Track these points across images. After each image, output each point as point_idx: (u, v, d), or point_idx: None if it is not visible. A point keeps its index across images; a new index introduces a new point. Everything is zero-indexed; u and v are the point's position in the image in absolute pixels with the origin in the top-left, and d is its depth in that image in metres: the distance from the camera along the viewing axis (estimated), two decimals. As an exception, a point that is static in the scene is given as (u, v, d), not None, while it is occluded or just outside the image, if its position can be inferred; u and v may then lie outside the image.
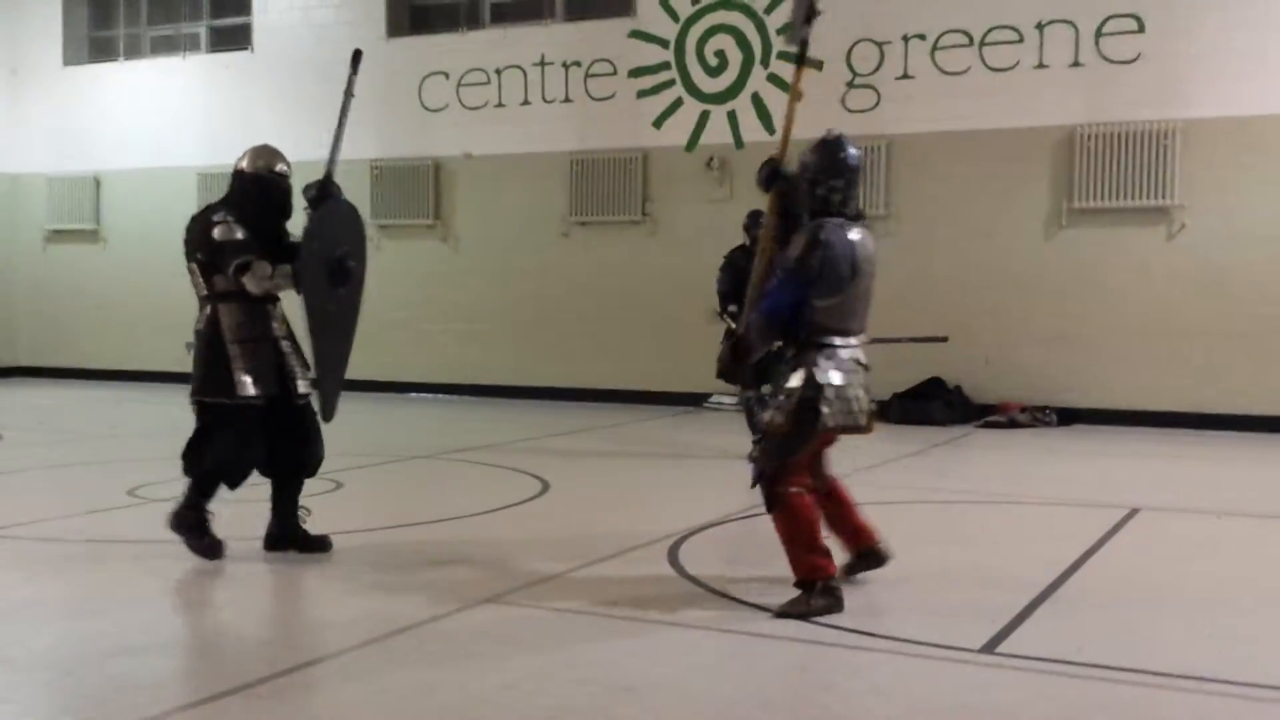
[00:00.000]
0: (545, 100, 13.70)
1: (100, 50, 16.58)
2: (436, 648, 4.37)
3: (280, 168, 5.83)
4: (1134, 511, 7.03)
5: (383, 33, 14.39)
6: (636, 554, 5.82)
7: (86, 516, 6.70)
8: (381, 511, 7.01)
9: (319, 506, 6.76)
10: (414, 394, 14.18)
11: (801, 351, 4.92)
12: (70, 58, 16.35)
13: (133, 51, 16.32)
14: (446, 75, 14.08)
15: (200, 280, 5.68)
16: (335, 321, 5.65)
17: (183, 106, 15.57)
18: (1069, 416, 11.52)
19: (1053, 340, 11.69)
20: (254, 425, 5.65)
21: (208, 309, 5.68)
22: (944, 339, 9.70)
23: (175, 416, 12.25)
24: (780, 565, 5.97)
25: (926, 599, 5.08)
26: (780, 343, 5.02)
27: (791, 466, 4.90)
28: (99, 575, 5.42)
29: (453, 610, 4.79)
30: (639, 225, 13.37)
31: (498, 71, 13.86)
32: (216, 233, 5.56)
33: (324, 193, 5.68)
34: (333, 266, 5.54)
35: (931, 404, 11.60)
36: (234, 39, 15.59)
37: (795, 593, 4.81)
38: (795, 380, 4.86)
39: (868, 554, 5.25)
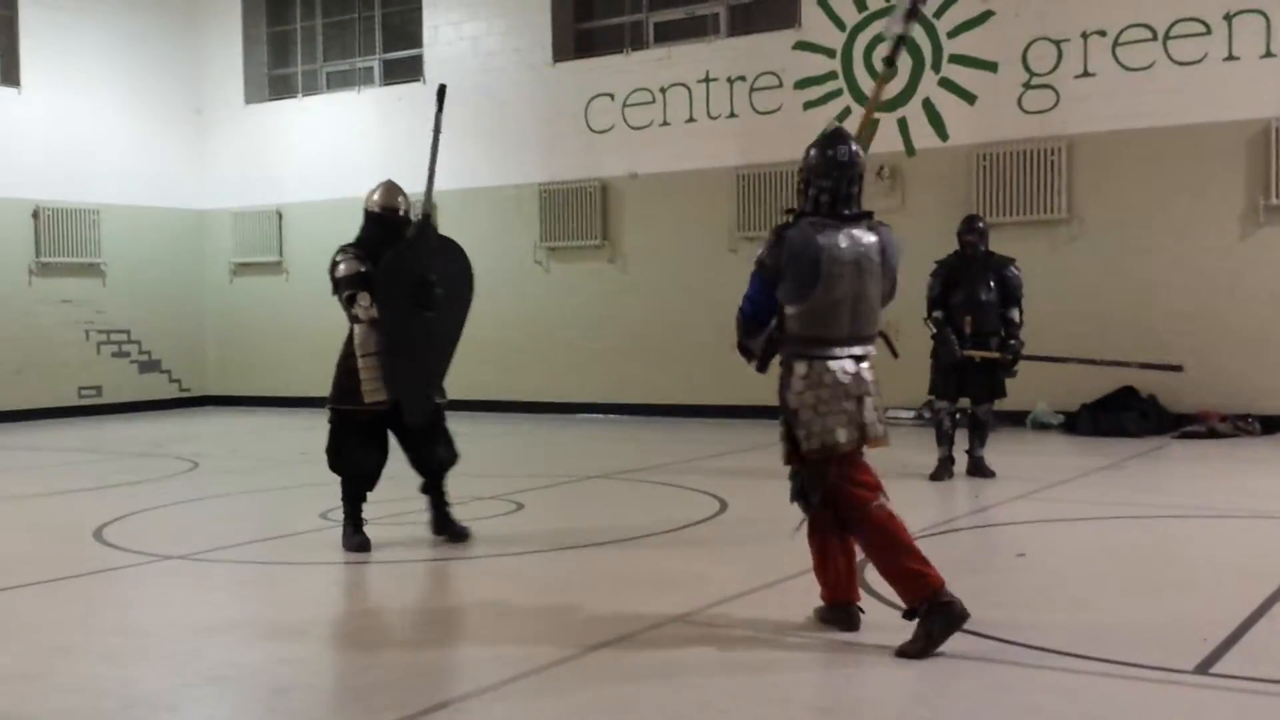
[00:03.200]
0: (710, 116, 13.70)
1: (280, 88, 17.27)
2: (630, 666, 4.34)
3: (395, 204, 6.49)
4: (1352, 524, 6.62)
5: (549, 58, 14.62)
6: (824, 572, 5.69)
7: (285, 539, 6.92)
8: (564, 532, 7.04)
9: (502, 527, 6.86)
10: (583, 414, 14.29)
11: (783, 368, 4.61)
12: (251, 96, 17.06)
13: (310, 88, 16.94)
14: (612, 97, 14.20)
15: (344, 309, 6.44)
16: (417, 340, 6.24)
17: (359, 139, 16.07)
18: (1273, 425, 10.92)
19: (1254, 344, 11.12)
20: (378, 431, 6.39)
21: (348, 331, 6.46)
22: (1179, 368, 9.12)
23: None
24: (969, 581, 5.80)
25: (1133, 618, 4.84)
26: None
27: (850, 497, 4.55)
28: (301, 596, 5.59)
29: (642, 629, 4.76)
30: (808, 239, 13.21)
31: (662, 90, 13.92)
32: (335, 270, 6.40)
33: (419, 227, 6.36)
34: (416, 291, 6.16)
35: (1124, 414, 11.14)
36: (406, 71, 16.05)
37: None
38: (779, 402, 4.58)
39: (844, 611, 4.69)
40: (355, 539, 6.36)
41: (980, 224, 8.82)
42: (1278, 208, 11.06)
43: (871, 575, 5.54)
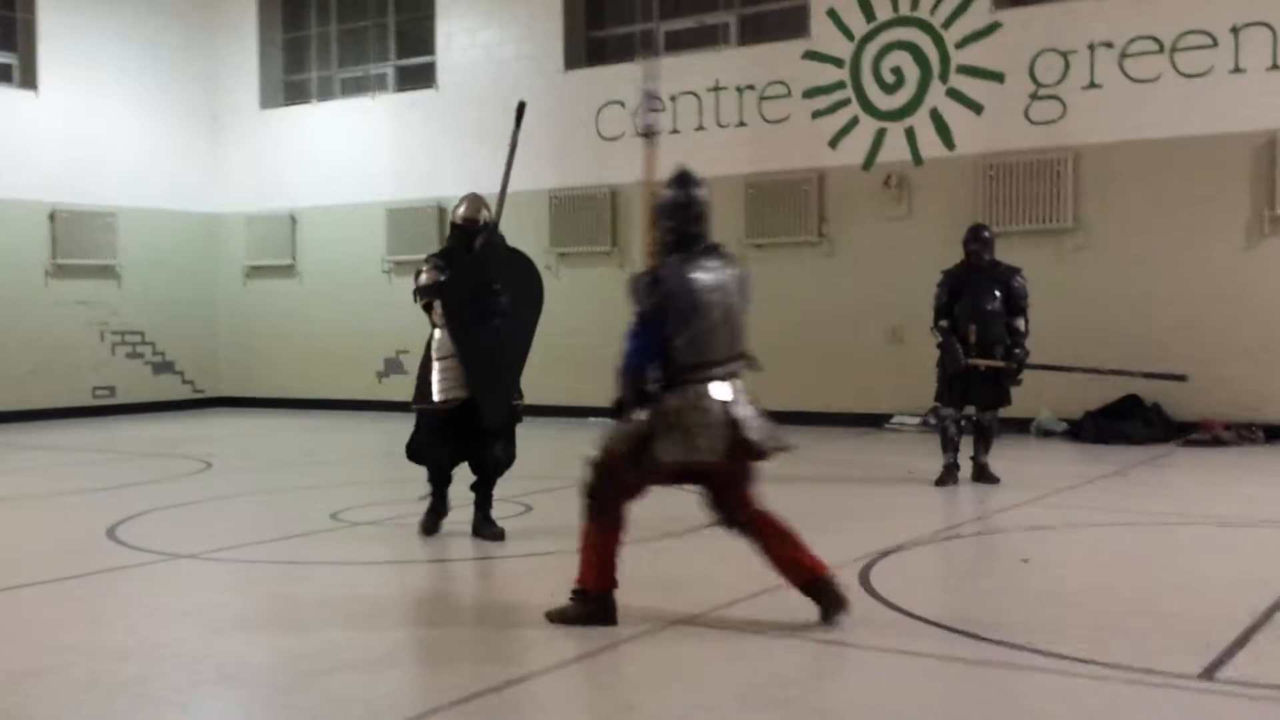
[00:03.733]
0: (720, 125, 13.77)
1: (294, 93, 17.37)
2: (634, 668, 4.41)
3: (477, 216, 6.83)
4: (1354, 533, 6.65)
5: (560, 66, 14.70)
6: (828, 577, 5.75)
7: (295, 539, 6.98)
8: (571, 533, 7.05)
9: (510, 529, 6.92)
10: (592, 418, 14.33)
11: (664, 389, 4.84)
12: (266, 101, 17.17)
13: (325, 93, 17.05)
14: (622, 104, 14.27)
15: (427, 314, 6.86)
16: (488, 346, 6.63)
17: (372, 145, 16.18)
18: (1278, 433, 10.95)
19: (1258, 353, 11.15)
20: (447, 428, 6.72)
21: (428, 334, 6.83)
22: (1183, 378, 9.21)
23: (370, 443, 12.71)
24: (974, 585, 5.86)
25: (1137, 623, 4.88)
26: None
27: (618, 487, 4.97)
28: (310, 596, 5.64)
29: (647, 631, 4.82)
30: (816, 246, 13.29)
31: (672, 98, 13.97)
32: (417, 278, 6.79)
33: (486, 239, 6.72)
34: (482, 300, 6.54)
35: (1128, 422, 11.18)
36: (419, 78, 16.14)
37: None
38: (643, 415, 4.84)
39: (814, 588, 4.87)
40: (423, 520, 6.90)
41: (985, 233, 8.86)
42: (1283, 219, 11.12)
43: (879, 581, 5.61)
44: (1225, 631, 4.61)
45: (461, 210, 6.87)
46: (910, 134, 12.71)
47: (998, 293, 8.63)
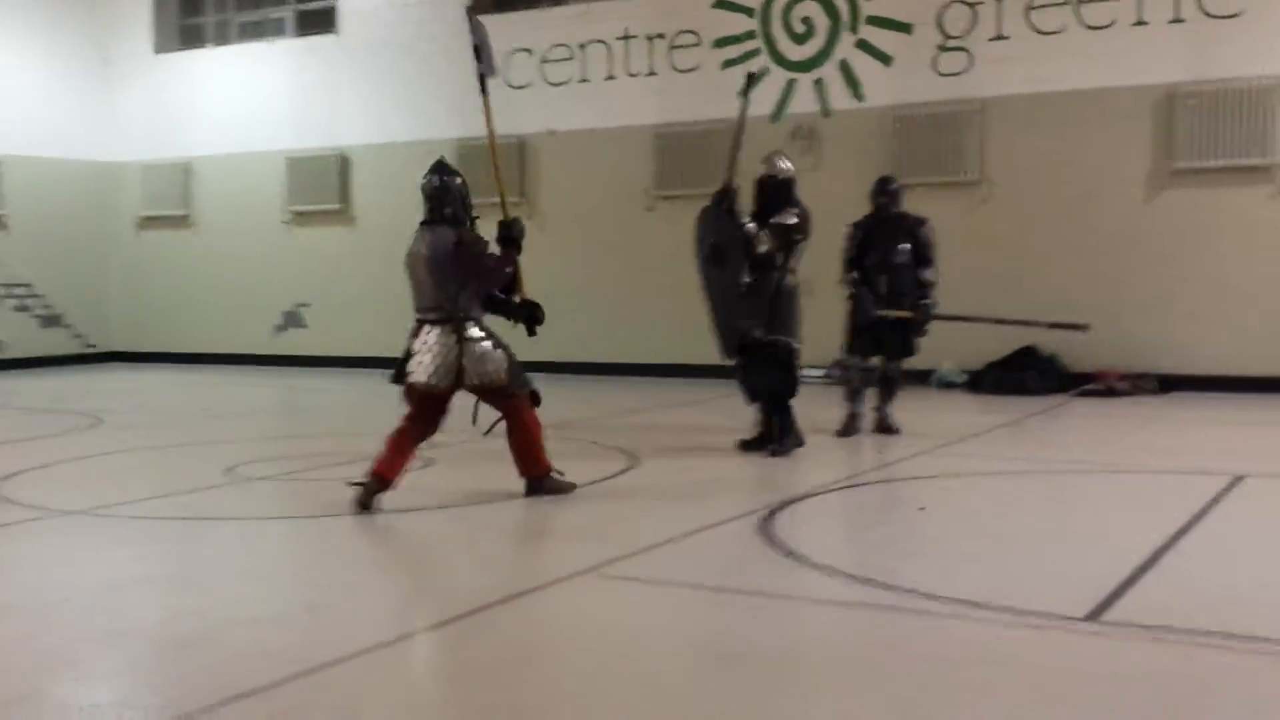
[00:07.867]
0: (629, 74, 13.64)
1: (190, 38, 16.85)
2: (535, 619, 4.38)
3: (775, 171, 8.11)
4: (1238, 479, 6.82)
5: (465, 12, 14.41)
6: (730, 526, 5.79)
7: (188, 495, 6.82)
8: (472, 487, 7.03)
9: (411, 483, 6.83)
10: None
11: None
12: (161, 46, 16.63)
13: (221, 38, 16.56)
14: (530, 52, 14.07)
15: None
16: (715, 291, 7.98)
17: (271, 91, 15.77)
18: (1170, 384, 11.22)
19: (1153, 305, 11.39)
20: (746, 361, 7.93)
21: None
22: (1085, 327, 9.36)
23: (266, 398, 12.49)
24: (877, 534, 5.94)
25: (1029, 568, 4.98)
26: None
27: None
28: (204, 551, 5.53)
29: (548, 583, 4.79)
30: (724, 198, 13.24)
31: (581, 47, 13.82)
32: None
33: (714, 200, 7.95)
34: (709, 252, 7.94)
35: (1025, 373, 11.38)
36: (319, 23, 15.74)
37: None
38: None
39: (380, 483, 6.18)
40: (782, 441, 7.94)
41: (893, 185, 8.91)
42: (1181, 171, 11.31)
43: (780, 530, 5.65)
44: (1112, 575, 4.71)
45: (764, 167, 8.07)
46: (820, 85, 12.72)
47: (907, 244, 8.69)
